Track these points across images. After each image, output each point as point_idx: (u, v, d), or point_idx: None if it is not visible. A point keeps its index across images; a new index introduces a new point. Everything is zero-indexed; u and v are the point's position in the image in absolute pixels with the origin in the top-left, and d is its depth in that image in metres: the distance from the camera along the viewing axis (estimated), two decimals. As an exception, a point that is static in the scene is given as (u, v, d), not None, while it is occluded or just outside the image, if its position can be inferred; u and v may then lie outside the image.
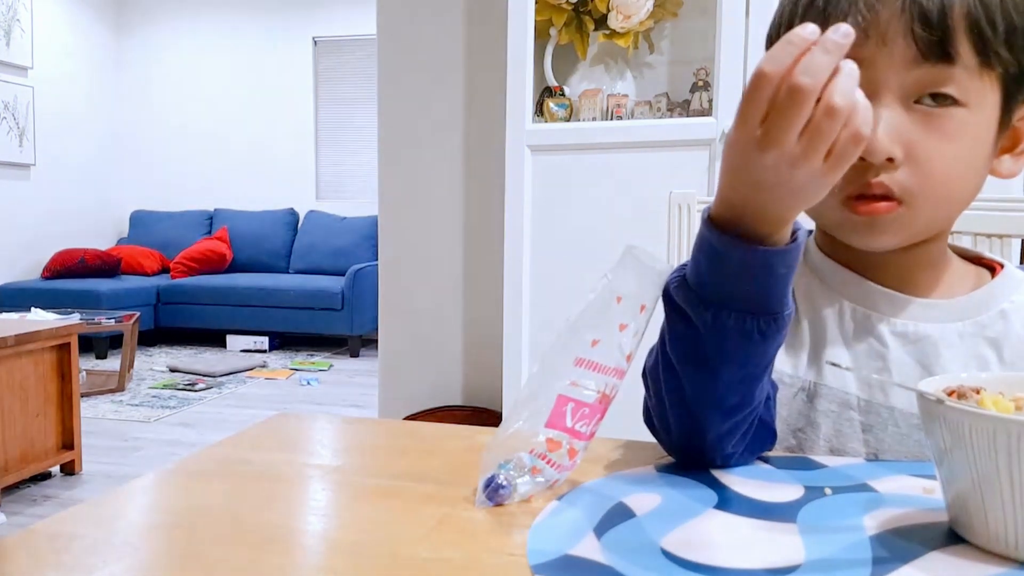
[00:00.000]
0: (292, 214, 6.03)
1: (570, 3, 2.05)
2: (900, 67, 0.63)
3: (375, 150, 2.61)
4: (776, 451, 0.66)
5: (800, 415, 0.70)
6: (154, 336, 5.61)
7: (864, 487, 0.56)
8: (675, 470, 0.60)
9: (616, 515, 0.50)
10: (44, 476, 2.84)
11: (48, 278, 5.48)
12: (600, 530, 0.48)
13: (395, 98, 2.54)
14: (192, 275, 5.66)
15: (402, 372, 2.59)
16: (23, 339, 2.62)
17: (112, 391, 4.14)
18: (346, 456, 0.68)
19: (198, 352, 5.34)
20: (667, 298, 0.58)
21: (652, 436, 0.64)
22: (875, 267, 0.71)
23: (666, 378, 0.60)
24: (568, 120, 2.08)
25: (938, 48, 0.62)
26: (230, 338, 5.44)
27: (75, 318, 3.54)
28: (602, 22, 2.05)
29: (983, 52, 0.63)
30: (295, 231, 5.99)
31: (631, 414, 0.64)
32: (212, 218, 6.17)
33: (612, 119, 2.05)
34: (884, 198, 0.65)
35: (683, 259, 0.62)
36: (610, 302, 0.56)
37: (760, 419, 0.62)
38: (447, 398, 2.54)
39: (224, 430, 3.45)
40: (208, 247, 5.79)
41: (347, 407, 3.99)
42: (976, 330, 0.69)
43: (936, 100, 0.64)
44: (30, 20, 5.70)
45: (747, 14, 1.85)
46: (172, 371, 4.71)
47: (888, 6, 0.63)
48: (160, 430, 3.52)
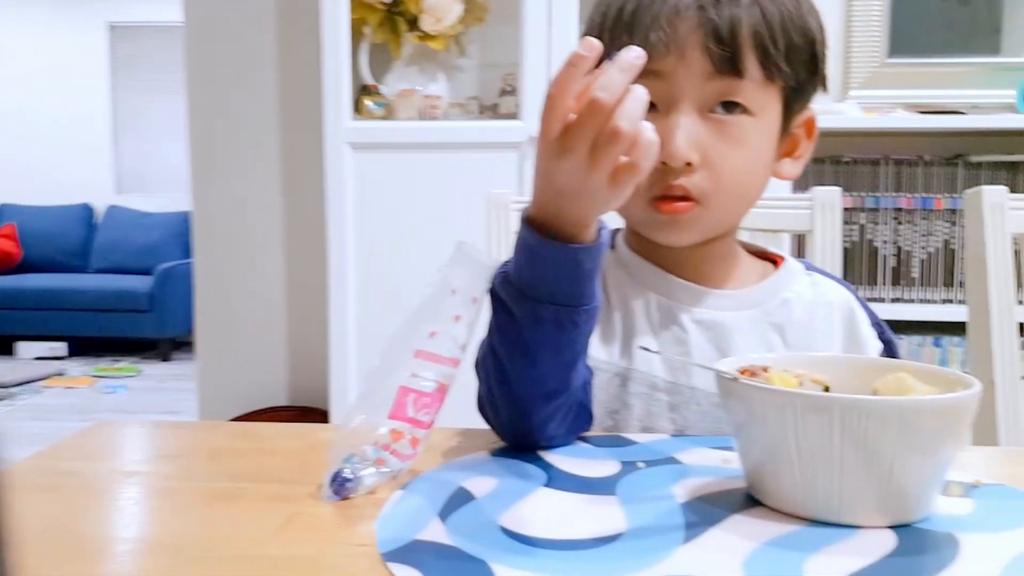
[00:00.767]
0: (87, 209, 5.57)
1: (383, 3, 2.05)
2: (697, 79, 0.71)
3: (182, 141, 2.48)
4: (594, 431, 0.72)
5: (615, 398, 0.77)
6: (-74, 347, 5.05)
7: (672, 460, 0.63)
8: (507, 453, 0.65)
9: (457, 499, 0.54)
10: None
11: None
12: (444, 514, 0.51)
13: (206, 90, 2.43)
14: (-28, 277, 5.13)
15: (222, 375, 2.49)
16: None
17: None
18: (181, 461, 0.66)
19: (-18, 362, 4.85)
20: (493, 293, 0.63)
21: (485, 423, 0.69)
22: (676, 262, 0.80)
23: (494, 368, 0.65)
24: (386, 119, 2.08)
25: (729, 63, 0.70)
26: (21, 345, 4.97)
27: None
28: (415, 23, 2.07)
29: (767, 67, 0.72)
30: (92, 227, 5.54)
31: (465, 404, 0.68)
32: (-3, 213, 5.61)
33: (427, 119, 2.08)
34: (683, 199, 0.73)
35: (503, 254, 0.67)
36: (445, 295, 0.60)
37: (579, 403, 0.68)
38: (272, 399, 2.48)
39: (21, 445, 3.16)
40: (-9, 246, 5.27)
41: (161, 414, 3.77)
42: (763, 317, 0.79)
43: (727, 109, 0.72)
44: None
45: (549, 23, 1.93)
46: (-48, 385, 4.27)
47: (686, 22, 0.70)
48: (-59, 450, 3.18)
